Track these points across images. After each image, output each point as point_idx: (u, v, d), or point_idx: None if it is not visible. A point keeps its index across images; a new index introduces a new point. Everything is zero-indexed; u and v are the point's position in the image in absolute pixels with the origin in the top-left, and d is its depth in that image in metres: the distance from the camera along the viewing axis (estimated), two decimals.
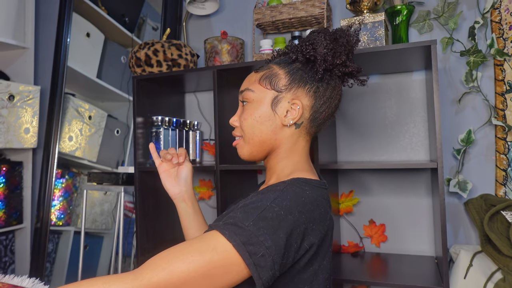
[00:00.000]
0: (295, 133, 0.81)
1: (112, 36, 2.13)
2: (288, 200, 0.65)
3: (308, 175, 0.78)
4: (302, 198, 0.68)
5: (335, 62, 0.79)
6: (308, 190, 0.71)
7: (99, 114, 2.11)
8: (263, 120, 0.79)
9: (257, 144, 0.81)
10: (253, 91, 0.81)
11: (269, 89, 0.80)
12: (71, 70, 2.01)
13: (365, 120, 1.49)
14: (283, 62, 0.83)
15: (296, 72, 0.80)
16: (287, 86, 0.79)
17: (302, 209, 0.66)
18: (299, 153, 0.82)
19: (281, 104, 0.79)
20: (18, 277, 0.99)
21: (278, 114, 0.79)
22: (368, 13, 1.29)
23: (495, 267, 1.17)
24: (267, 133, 0.80)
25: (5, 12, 1.87)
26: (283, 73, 0.80)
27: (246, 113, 0.81)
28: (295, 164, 0.81)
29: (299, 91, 0.79)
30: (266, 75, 0.81)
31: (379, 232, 1.45)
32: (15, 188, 1.95)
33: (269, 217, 0.61)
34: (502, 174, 1.33)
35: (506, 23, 1.34)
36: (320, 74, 0.78)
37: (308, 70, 0.80)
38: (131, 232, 1.92)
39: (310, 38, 0.80)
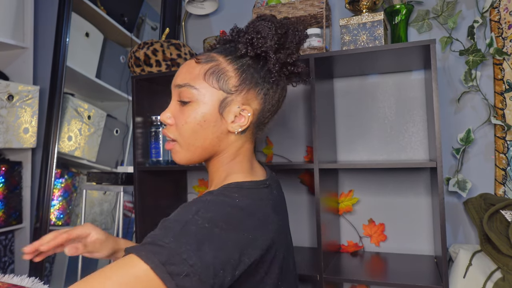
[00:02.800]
0: (240, 139, 0.73)
1: (111, 36, 2.13)
2: (213, 212, 0.57)
3: (243, 176, 0.71)
4: (229, 208, 0.59)
5: (287, 61, 0.72)
6: (238, 197, 0.62)
7: (98, 114, 2.11)
8: (208, 125, 0.69)
9: (198, 151, 0.71)
10: (197, 89, 0.69)
11: (216, 89, 0.69)
12: (70, 70, 2.00)
13: (365, 120, 1.49)
14: (230, 53, 0.72)
15: (247, 70, 0.70)
16: (238, 88, 0.69)
17: (230, 220, 0.58)
18: (241, 156, 0.74)
19: (229, 108, 0.69)
20: (17, 276, 0.99)
21: (226, 119, 0.69)
22: (367, 12, 1.29)
23: (495, 266, 1.17)
24: (212, 139, 0.70)
25: (4, 12, 1.87)
26: (232, 70, 0.70)
27: (187, 115, 0.69)
28: (234, 165, 0.73)
29: (250, 94, 0.70)
30: (213, 71, 0.69)
31: (378, 232, 1.45)
32: (15, 188, 1.95)
33: (192, 231, 0.53)
34: (501, 173, 1.33)
35: (505, 22, 1.34)
36: (274, 76, 0.70)
37: (259, 68, 0.71)
38: (130, 232, 1.92)
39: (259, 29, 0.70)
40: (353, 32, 1.27)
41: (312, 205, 1.54)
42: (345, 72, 1.46)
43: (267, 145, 1.62)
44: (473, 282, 1.16)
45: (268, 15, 0.74)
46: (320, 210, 1.19)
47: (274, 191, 0.74)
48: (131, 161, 2.00)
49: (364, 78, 1.49)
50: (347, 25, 1.28)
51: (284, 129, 1.59)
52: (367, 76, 1.49)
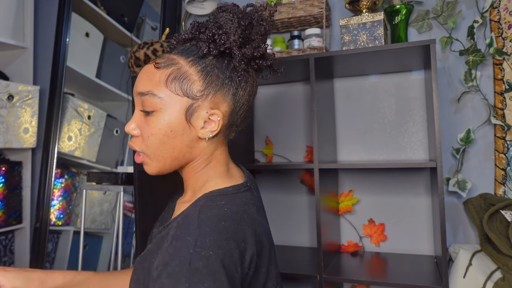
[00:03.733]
0: (212, 143, 0.69)
1: (111, 36, 2.13)
2: (210, 234, 0.55)
3: (222, 181, 0.68)
4: (222, 222, 0.58)
5: (254, 55, 0.66)
6: (225, 205, 0.61)
7: (98, 114, 2.11)
8: (176, 134, 0.64)
9: (168, 162, 0.67)
10: (160, 98, 0.64)
11: (180, 96, 0.64)
12: (70, 70, 2.01)
13: (364, 120, 1.49)
14: (191, 54, 0.66)
15: (211, 71, 0.65)
16: (203, 92, 0.64)
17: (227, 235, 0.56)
18: (215, 159, 0.70)
19: (197, 114, 0.64)
20: None
21: (194, 126, 0.65)
22: (367, 12, 1.29)
23: (495, 266, 1.17)
24: (181, 148, 0.66)
25: (4, 12, 1.87)
26: (195, 72, 0.64)
27: (152, 126, 0.65)
28: (210, 170, 0.70)
29: (217, 97, 0.65)
30: (174, 76, 0.64)
31: (378, 232, 1.45)
32: (15, 188, 1.95)
33: (200, 266, 0.52)
34: (501, 173, 1.33)
35: (505, 22, 1.34)
36: (240, 75, 0.66)
37: (224, 67, 0.65)
38: (130, 232, 1.92)
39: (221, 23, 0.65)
40: (353, 32, 1.27)
41: (312, 205, 1.54)
42: (345, 72, 1.46)
43: (267, 145, 1.62)
44: (473, 282, 1.16)
45: (229, 5, 0.67)
46: (320, 210, 1.19)
47: (254, 192, 0.72)
48: (131, 161, 2.00)
49: (364, 78, 1.49)
50: (347, 25, 1.28)
51: (284, 129, 1.59)
52: (367, 76, 1.49)
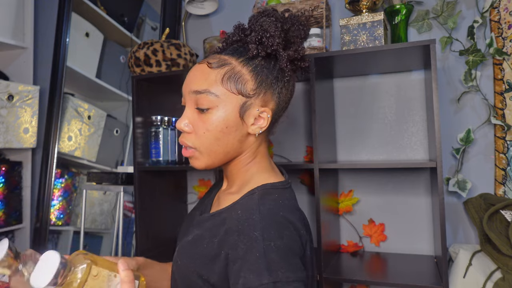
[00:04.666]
0: (258, 138, 0.74)
1: (111, 36, 2.13)
2: (272, 226, 0.61)
3: (271, 176, 0.73)
4: (280, 213, 0.64)
5: (295, 57, 0.72)
6: (279, 198, 0.67)
7: (98, 114, 2.11)
8: (230, 131, 0.69)
9: (220, 156, 0.71)
10: (217, 96, 0.68)
11: (235, 94, 0.68)
12: (70, 70, 2.01)
13: (364, 120, 1.49)
14: (241, 55, 0.70)
15: (261, 71, 0.70)
16: (255, 91, 0.69)
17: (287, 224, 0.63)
18: (260, 154, 0.75)
19: (249, 112, 0.69)
20: None
21: (246, 122, 0.70)
22: (367, 12, 1.29)
23: (495, 266, 1.17)
24: (233, 143, 0.70)
25: (4, 12, 1.87)
26: (248, 72, 0.69)
27: (208, 123, 0.68)
28: (256, 165, 0.75)
29: (267, 96, 0.70)
30: (229, 75, 0.68)
31: (378, 232, 1.45)
32: (15, 188, 1.95)
33: (274, 256, 0.58)
34: (501, 173, 1.33)
35: (505, 22, 1.34)
36: (288, 75, 0.71)
37: (271, 68, 0.70)
38: (130, 232, 1.92)
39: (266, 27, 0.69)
40: (353, 32, 1.27)
41: (312, 205, 1.54)
42: (345, 72, 1.46)
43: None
44: (473, 282, 1.16)
45: (270, 10, 0.72)
46: (320, 210, 1.19)
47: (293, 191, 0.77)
48: (131, 161, 2.00)
49: (364, 78, 1.49)
50: (347, 25, 1.28)
51: (284, 129, 1.59)
52: (367, 76, 1.49)
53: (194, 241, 0.69)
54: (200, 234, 0.69)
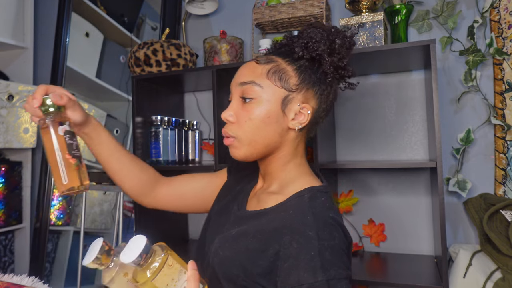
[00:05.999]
0: (298, 136, 0.76)
1: (111, 36, 2.13)
2: (326, 226, 0.66)
3: (313, 180, 0.76)
4: (330, 214, 0.68)
5: (339, 65, 0.75)
6: (326, 201, 0.71)
7: (98, 114, 2.11)
8: (271, 121, 0.72)
9: (259, 147, 0.74)
10: (261, 87, 0.72)
11: (279, 87, 0.72)
12: (70, 70, 2.00)
13: (364, 120, 1.49)
14: (287, 56, 0.76)
15: (305, 71, 0.74)
16: (298, 86, 0.73)
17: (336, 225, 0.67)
18: (300, 156, 0.78)
19: (290, 106, 0.73)
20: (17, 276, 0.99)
21: (287, 116, 0.73)
22: (367, 12, 1.29)
23: (495, 266, 1.17)
24: (273, 135, 0.73)
25: (4, 12, 1.87)
26: (292, 70, 0.73)
27: (251, 112, 0.72)
28: (297, 166, 0.77)
29: (309, 93, 0.74)
30: (274, 70, 0.73)
31: (378, 232, 1.45)
32: (15, 188, 1.95)
33: (327, 255, 0.62)
34: (501, 173, 1.33)
35: (505, 22, 1.34)
36: (330, 77, 0.75)
37: (314, 70, 0.75)
38: (130, 232, 1.92)
39: (312, 35, 0.75)
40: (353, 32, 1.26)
41: None
42: None
43: None
44: (473, 282, 1.16)
45: (318, 23, 0.79)
46: None
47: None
48: None
49: (364, 78, 1.49)
50: (347, 25, 1.28)
51: None
52: (367, 76, 1.49)
53: (238, 235, 0.72)
54: (245, 230, 0.72)
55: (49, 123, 0.67)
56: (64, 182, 0.65)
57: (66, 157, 0.66)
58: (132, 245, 0.61)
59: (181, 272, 0.64)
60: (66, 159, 0.66)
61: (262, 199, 0.77)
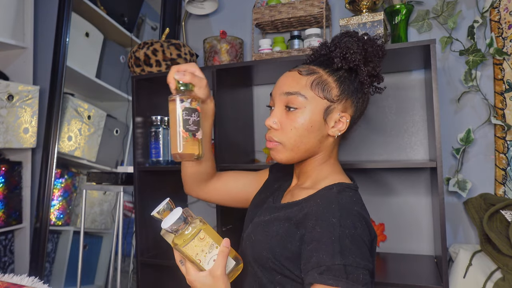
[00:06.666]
0: (334, 141, 0.83)
1: (111, 36, 2.13)
2: (349, 216, 0.69)
3: (343, 177, 0.82)
4: (355, 207, 0.72)
5: (373, 73, 0.81)
6: (353, 196, 0.76)
7: (98, 114, 2.11)
8: (314, 130, 0.79)
9: (301, 152, 0.80)
10: (306, 98, 0.78)
11: (321, 98, 0.78)
12: (70, 70, 2.00)
13: (364, 120, 1.49)
14: (327, 66, 0.81)
15: (344, 81, 0.80)
16: (339, 97, 0.79)
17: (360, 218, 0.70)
18: (334, 157, 0.85)
19: (331, 115, 0.79)
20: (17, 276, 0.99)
21: (328, 124, 0.80)
22: (367, 12, 1.29)
23: (495, 266, 1.17)
24: (314, 142, 0.80)
25: (4, 12, 1.87)
26: (333, 81, 0.79)
27: (295, 121, 0.78)
28: (331, 166, 0.84)
29: (348, 103, 0.80)
30: (317, 82, 0.79)
31: (378, 232, 1.45)
32: (15, 188, 1.95)
33: (347, 242, 0.66)
34: (501, 173, 1.33)
35: (505, 22, 1.34)
36: (367, 87, 0.81)
37: (352, 80, 0.80)
38: (130, 232, 1.92)
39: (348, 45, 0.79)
40: None
41: None
42: None
43: None
44: (473, 282, 1.16)
45: (352, 32, 0.83)
46: None
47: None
48: (131, 161, 2.00)
49: None
50: (347, 25, 1.28)
51: None
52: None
53: (270, 221, 0.78)
54: (276, 216, 0.78)
55: (174, 98, 0.79)
56: (173, 148, 0.79)
57: (178, 129, 0.78)
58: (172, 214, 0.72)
59: (213, 247, 0.72)
60: (177, 131, 0.78)
61: (296, 194, 0.83)
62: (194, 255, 0.71)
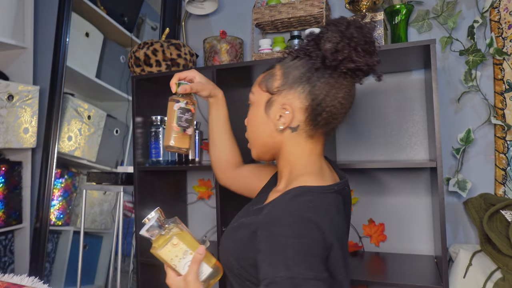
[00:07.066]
0: (294, 136, 0.77)
1: (111, 36, 2.13)
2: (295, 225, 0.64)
3: (314, 179, 0.74)
4: (306, 214, 0.66)
5: (337, 58, 0.72)
6: (311, 201, 0.68)
7: (98, 114, 2.11)
8: (259, 124, 0.79)
9: (260, 147, 0.82)
10: (253, 94, 0.81)
11: (264, 92, 0.78)
12: (70, 70, 2.00)
13: (364, 120, 1.49)
14: (288, 60, 0.79)
15: (291, 71, 0.75)
16: (279, 88, 0.76)
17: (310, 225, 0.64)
18: (306, 156, 0.78)
19: (273, 108, 0.77)
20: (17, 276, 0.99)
21: (271, 118, 0.77)
22: (367, 12, 1.29)
23: (495, 266, 1.17)
24: (264, 137, 0.79)
25: (4, 12, 1.87)
26: (280, 73, 0.77)
27: (248, 117, 0.83)
28: (302, 167, 0.77)
29: (291, 93, 0.75)
30: (267, 77, 0.79)
31: (378, 232, 1.45)
32: (15, 188, 1.95)
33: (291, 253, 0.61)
34: (501, 173, 1.33)
35: (505, 22, 1.34)
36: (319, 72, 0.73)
37: (306, 69, 0.75)
38: (130, 232, 1.92)
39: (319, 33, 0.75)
40: None
41: None
42: None
43: None
44: (473, 282, 1.16)
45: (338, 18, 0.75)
46: None
47: (340, 196, 0.77)
48: (131, 161, 2.00)
49: (364, 78, 1.48)
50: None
51: None
52: (367, 76, 1.48)
53: (237, 227, 0.76)
54: (242, 222, 0.76)
55: (173, 99, 0.91)
56: (166, 141, 0.90)
57: (172, 125, 0.90)
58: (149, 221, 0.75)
59: (187, 253, 0.74)
60: (171, 126, 0.90)
61: (270, 197, 0.81)
62: (169, 260, 0.74)
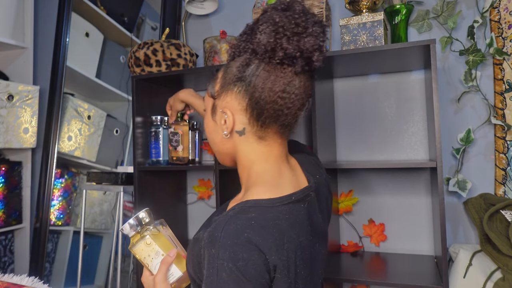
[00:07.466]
0: (244, 140, 0.70)
1: (111, 36, 2.13)
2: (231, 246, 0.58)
3: (266, 191, 0.66)
4: (245, 234, 0.59)
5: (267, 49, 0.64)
6: (254, 218, 0.61)
7: (98, 114, 2.11)
8: (211, 131, 0.74)
9: (217, 154, 0.77)
10: (204, 100, 0.77)
11: (209, 97, 0.74)
12: (70, 70, 2.00)
13: (364, 120, 1.49)
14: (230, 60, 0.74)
15: (228, 72, 0.70)
16: (218, 92, 0.71)
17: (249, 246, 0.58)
18: (262, 160, 0.70)
19: (217, 113, 0.71)
20: (17, 276, 0.99)
21: (218, 124, 0.71)
22: (367, 12, 1.29)
23: (495, 266, 1.17)
24: (218, 143, 0.74)
25: (4, 12, 1.87)
26: (220, 76, 0.72)
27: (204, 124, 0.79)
28: (257, 175, 0.70)
29: (228, 96, 0.69)
30: (211, 82, 0.74)
31: (378, 232, 1.45)
32: (14, 188, 1.95)
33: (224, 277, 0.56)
34: (501, 173, 1.33)
35: (505, 22, 1.34)
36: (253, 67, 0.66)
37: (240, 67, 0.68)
38: None
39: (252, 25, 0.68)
40: (353, 32, 1.27)
41: None
42: (345, 72, 1.46)
43: None
44: (473, 282, 1.16)
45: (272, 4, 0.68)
46: None
47: (301, 204, 0.70)
48: (131, 161, 2.00)
49: (364, 78, 1.49)
50: (347, 25, 1.28)
51: None
52: (367, 76, 1.49)
53: (196, 239, 0.70)
54: (198, 237, 0.69)
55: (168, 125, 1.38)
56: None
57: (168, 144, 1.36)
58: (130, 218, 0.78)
59: (158, 254, 0.76)
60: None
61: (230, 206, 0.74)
62: (142, 258, 0.76)
